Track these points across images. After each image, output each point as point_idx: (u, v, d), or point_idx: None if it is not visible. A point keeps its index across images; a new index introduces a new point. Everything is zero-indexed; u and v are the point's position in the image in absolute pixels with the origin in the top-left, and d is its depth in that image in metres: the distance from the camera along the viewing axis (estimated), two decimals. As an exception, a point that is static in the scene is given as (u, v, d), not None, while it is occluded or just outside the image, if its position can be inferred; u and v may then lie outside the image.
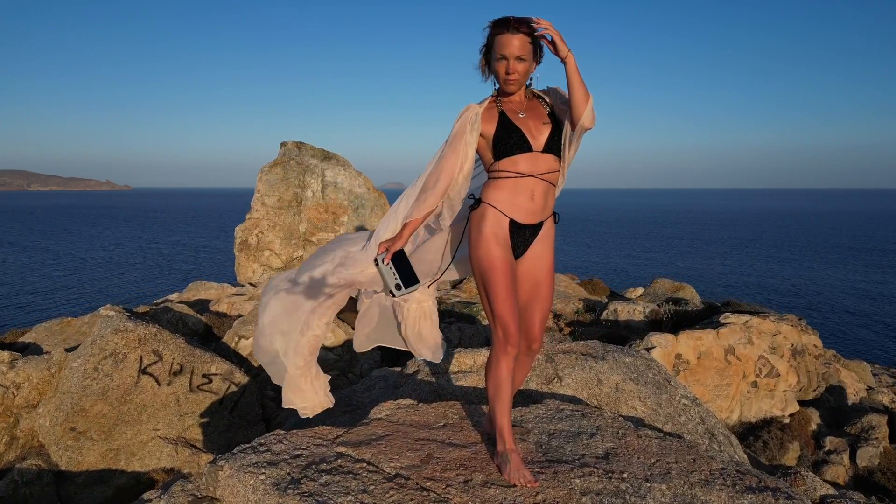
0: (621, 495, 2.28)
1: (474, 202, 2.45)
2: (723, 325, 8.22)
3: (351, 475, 2.23)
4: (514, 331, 2.33)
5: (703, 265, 43.69)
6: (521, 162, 2.35)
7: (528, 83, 2.42)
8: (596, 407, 3.58)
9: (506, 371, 2.38)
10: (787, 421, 7.97)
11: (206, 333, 6.28)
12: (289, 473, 2.20)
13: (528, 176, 2.35)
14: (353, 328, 2.90)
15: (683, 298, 10.68)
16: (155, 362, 4.39)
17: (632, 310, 9.87)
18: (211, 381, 4.70)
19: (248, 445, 2.39)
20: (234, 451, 2.35)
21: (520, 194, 2.36)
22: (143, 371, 4.35)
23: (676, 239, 65.85)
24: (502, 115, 2.39)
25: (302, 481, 2.15)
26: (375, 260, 2.41)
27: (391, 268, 2.37)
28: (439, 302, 10.09)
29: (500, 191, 2.38)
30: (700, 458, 2.78)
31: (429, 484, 2.22)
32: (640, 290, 13.11)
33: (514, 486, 2.26)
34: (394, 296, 2.42)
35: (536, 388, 3.67)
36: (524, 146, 2.35)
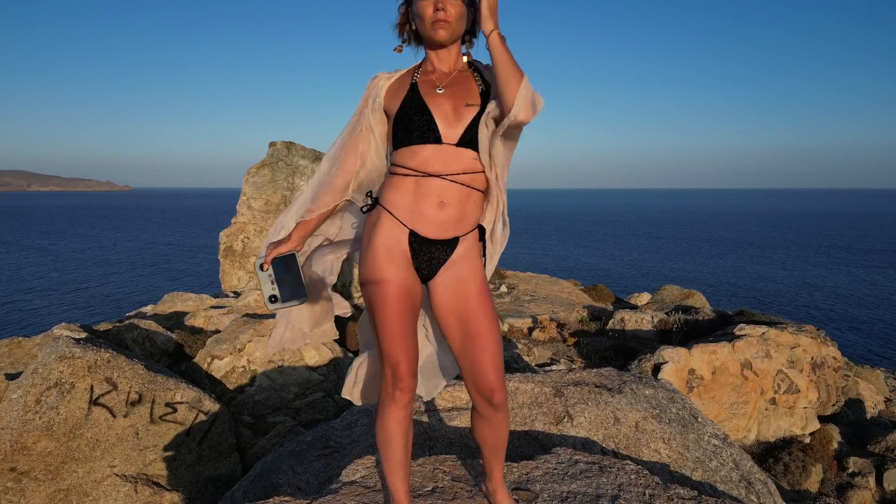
0: None
1: (371, 203, 1.88)
2: (738, 337, 7.73)
3: (306, 578, 1.71)
4: (406, 372, 1.78)
5: (703, 267, 43.26)
6: (423, 155, 1.75)
7: (464, 47, 1.83)
8: (614, 453, 3.05)
9: (394, 422, 1.85)
10: (808, 441, 7.47)
11: (176, 352, 5.76)
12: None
13: (433, 176, 1.75)
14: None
15: (693, 307, 10.16)
16: (108, 392, 3.87)
17: (639, 319, 9.37)
18: (175, 411, 4.18)
19: (176, 532, 1.87)
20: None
21: (424, 199, 1.77)
22: (94, 402, 3.83)
23: (677, 240, 65.47)
24: (413, 87, 1.79)
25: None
26: (256, 263, 1.90)
27: (270, 275, 1.86)
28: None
29: (399, 192, 1.80)
30: (745, 528, 2.26)
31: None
32: (646, 297, 12.60)
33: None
34: (268, 307, 1.91)
35: (544, 429, 3.14)
36: (430, 135, 1.75)
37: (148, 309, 8.09)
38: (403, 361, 1.78)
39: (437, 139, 1.74)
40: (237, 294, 7.87)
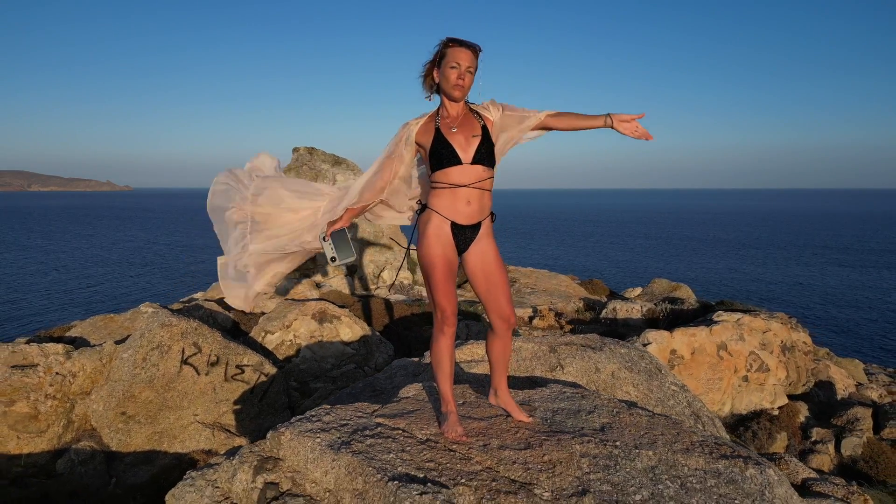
0: (614, 458, 2.73)
1: (421, 208, 2.88)
2: (716, 322, 8.65)
3: (390, 439, 2.70)
4: (451, 313, 2.77)
5: (699, 268, 44.09)
6: (452, 174, 2.71)
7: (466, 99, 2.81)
8: (594, 391, 4.04)
9: (444, 347, 2.84)
10: (775, 413, 8.40)
11: (233, 329, 6.74)
12: (339, 437, 2.67)
13: (461, 186, 2.71)
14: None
15: (680, 298, 11.13)
16: (195, 354, 4.85)
17: (630, 308, 10.32)
18: (243, 372, 5.16)
19: (302, 416, 2.86)
20: (292, 420, 2.82)
21: (457, 201, 2.73)
22: (184, 361, 4.81)
23: (673, 241, 66.23)
24: (437, 130, 2.74)
25: (351, 443, 2.61)
26: (320, 236, 2.96)
27: (330, 244, 2.91)
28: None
29: (441, 199, 2.76)
30: (683, 433, 3.23)
31: (454, 446, 2.69)
32: (638, 290, 13.57)
33: (523, 448, 2.72)
34: (331, 265, 3.06)
35: (541, 374, 4.13)
36: (454, 159, 2.69)
37: (199, 295, 9.07)
38: (448, 307, 2.80)
39: (458, 162, 2.70)
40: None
